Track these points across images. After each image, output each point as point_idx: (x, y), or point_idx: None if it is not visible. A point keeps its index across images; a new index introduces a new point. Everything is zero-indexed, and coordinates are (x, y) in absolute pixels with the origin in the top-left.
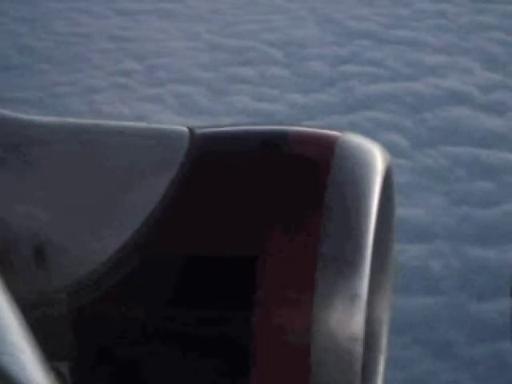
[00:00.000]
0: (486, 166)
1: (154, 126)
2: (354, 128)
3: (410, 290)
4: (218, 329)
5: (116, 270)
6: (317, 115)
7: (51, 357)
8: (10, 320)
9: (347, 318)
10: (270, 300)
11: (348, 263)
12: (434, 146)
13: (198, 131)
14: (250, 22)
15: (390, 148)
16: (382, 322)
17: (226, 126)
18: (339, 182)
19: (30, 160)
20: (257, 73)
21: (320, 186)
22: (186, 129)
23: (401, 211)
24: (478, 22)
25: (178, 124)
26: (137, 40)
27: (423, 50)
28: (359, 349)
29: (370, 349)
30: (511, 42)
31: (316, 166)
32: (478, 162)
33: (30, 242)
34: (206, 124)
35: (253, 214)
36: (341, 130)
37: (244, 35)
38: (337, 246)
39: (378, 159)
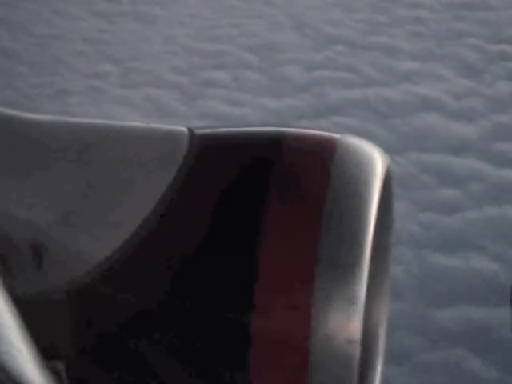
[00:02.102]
0: (453, 174)
1: (153, 125)
2: None
3: None
4: (216, 331)
5: (114, 270)
6: (287, 120)
7: (47, 356)
8: (7, 319)
9: (345, 320)
10: (269, 302)
11: (347, 266)
12: (403, 152)
13: (198, 131)
14: (228, 26)
15: None
16: (380, 324)
17: (226, 126)
18: (339, 185)
19: (29, 159)
20: (231, 77)
21: (319, 189)
22: (185, 129)
23: None
24: (455, 28)
25: (178, 124)
26: (113, 43)
27: (398, 56)
28: (357, 351)
29: (368, 351)
30: (487, 49)
31: (316, 168)
32: (445, 169)
33: (28, 243)
34: None
35: (251, 215)
36: (340, 132)
37: (221, 39)
38: (336, 249)
39: (377, 163)
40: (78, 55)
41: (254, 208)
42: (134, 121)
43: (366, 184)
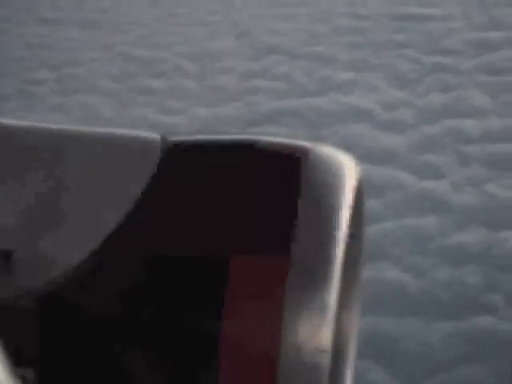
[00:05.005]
0: (374, 183)
1: (126, 132)
2: None
3: None
4: (185, 339)
5: (84, 277)
6: (216, 129)
7: (17, 362)
8: None
9: (315, 329)
10: (238, 309)
11: (318, 275)
12: None
13: (171, 139)
14: (168, 33)
15: None
16: (350, 335)
17: (199, 133)
18: (310, 194)
19: None
20: (166, 85)
21: (291, 198)
22: (158, 136)
23: None
24: (393, 40)
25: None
26: (53, 49)
27: (333, 66)
28: (326, 361)
29: (337, 362)
30: (422, 61)
31: (286, 176)
32: (367, 179)
33: None
34: None
35: (223, 224)
36: (313, 141)
37: (159, 47)
38: (307, 257)
39: (349, 172)
40: (16, 61)
41: (226, 215)
42: None
43: (336, 193)
